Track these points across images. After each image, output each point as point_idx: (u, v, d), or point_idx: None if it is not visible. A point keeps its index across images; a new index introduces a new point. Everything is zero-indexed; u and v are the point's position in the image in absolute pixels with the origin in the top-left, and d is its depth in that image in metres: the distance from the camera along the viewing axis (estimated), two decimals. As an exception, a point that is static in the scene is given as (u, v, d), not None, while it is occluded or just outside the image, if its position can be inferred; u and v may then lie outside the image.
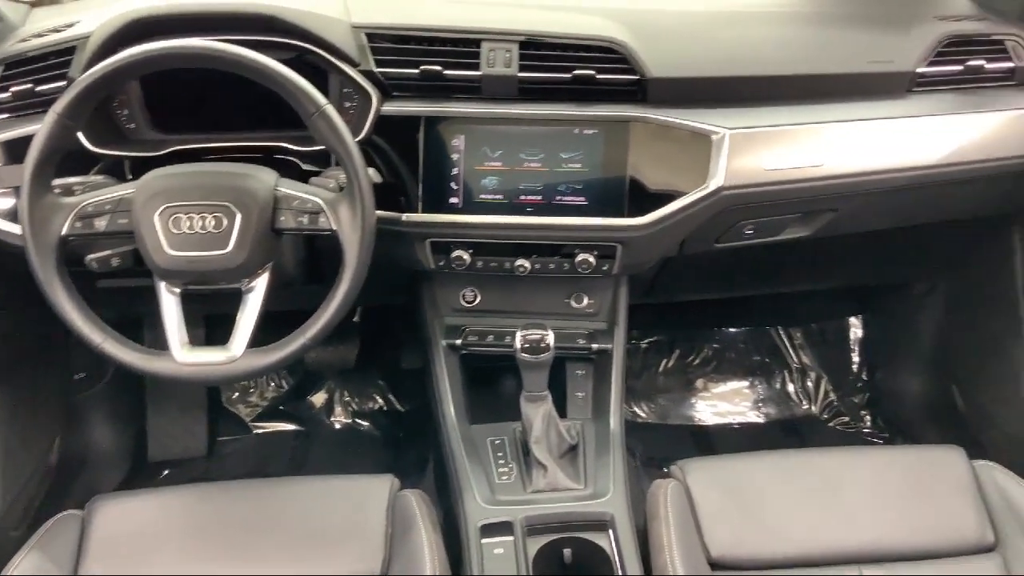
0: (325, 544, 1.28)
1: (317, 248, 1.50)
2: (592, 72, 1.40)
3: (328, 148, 1.20)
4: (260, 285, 1.22)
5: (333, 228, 1.20)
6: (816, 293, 2.33)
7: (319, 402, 2.42)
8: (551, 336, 1.42)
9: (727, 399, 2.51)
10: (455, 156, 1.40)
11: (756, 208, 1.48)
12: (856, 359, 2.55)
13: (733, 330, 2.61)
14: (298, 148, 1.39)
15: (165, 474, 2.21)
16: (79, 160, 1.33)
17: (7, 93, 1.39)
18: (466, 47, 1.40)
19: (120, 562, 1.25)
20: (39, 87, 1.38)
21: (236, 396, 2.40)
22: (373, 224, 1.20)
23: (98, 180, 1.28)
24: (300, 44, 1.36)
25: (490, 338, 1.57)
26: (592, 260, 1.47)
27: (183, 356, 1.19)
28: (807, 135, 1.45)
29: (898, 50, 1.54)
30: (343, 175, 1.24)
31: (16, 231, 1.28)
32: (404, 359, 2.37)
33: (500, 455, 1.50)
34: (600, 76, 1.40)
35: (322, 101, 1.17)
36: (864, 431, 2.41)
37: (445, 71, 1.39)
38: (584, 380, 1.62)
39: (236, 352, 1.19)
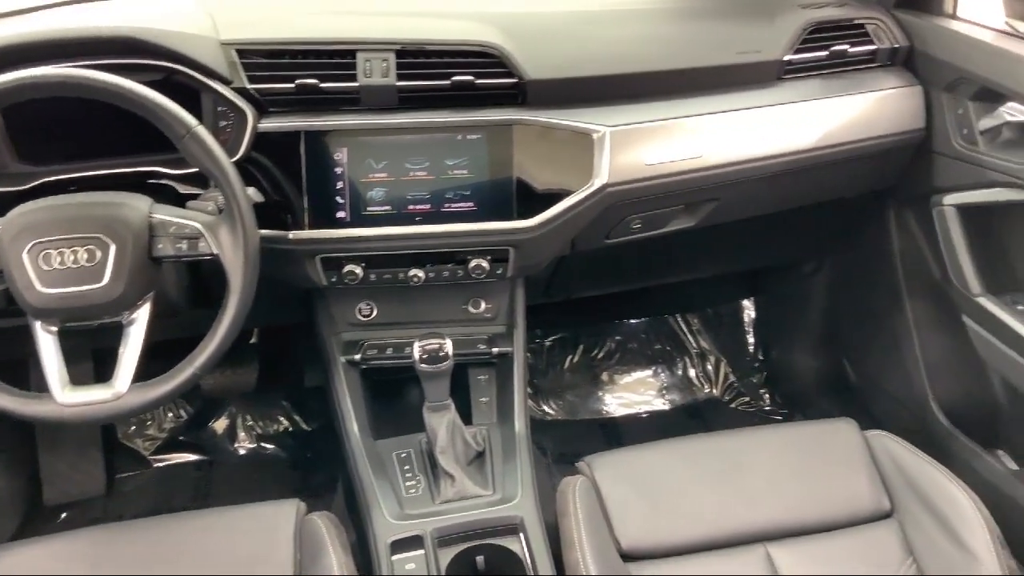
0: None
1: (203, 271, 1.45)
2: (471, 77, 1.39)
3: (202, 170, 1.17)
4: (141, 317, 1.18)
5: (214, 252, 1.16)
6: (710, 279, 2.39)
7: (221, 428, 2.34)
8: (449, 345, 1.42)
9: (632, 389, 2.55)
10: (339, 170, 1.38)
11: (641, 202, 1.51)
12: (752, 340, 2.63)
13: (634, 321, 2.65)
14: (173, 171, 1.34)
15: (63, 517, 2.11)
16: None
17: None
18: (341, 58, 1.38)
19: None
20: None
21: (133, 430, 2.30)
22: (256, 245, 1.17)
23: None
24: (167, 65, 1.31)
25: (389, 351, 1.55)
26: (486, 265, 1.47)
27: (65, 397, 1.14)
28: (684, 128, 1.49)
29: (765, 40, 1.59)
30: (222, 197, 1.21)
31: None
32: (307, 377, 2.32)
33: (407, 468, 1.48)
34: (479, 81, 1.40)
35: (192, 122, 1.14)
36: (764, 409, 2.49)
37: (322, 84, 1.36)
38: (487, 385, 1.62)
39: (121, 388, 1.15)
